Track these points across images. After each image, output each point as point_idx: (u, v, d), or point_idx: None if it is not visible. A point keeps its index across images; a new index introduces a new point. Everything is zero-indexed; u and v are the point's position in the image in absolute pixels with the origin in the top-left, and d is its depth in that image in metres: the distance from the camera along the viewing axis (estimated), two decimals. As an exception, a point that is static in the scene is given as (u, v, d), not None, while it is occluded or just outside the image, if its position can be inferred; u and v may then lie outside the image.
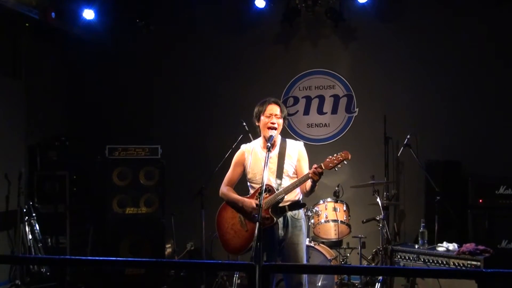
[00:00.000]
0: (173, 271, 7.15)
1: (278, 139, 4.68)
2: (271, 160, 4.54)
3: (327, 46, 7.55)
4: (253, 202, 4.49)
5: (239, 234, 4.60)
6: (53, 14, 6.97)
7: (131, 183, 6.99)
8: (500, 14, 6.91)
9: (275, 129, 4.59)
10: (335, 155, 4.37)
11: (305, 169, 4.61)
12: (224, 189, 4.75)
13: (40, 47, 7.84)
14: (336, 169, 4.35)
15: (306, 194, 4.59)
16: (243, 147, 4.82)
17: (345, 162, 4.36)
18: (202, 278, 6.41)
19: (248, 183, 4.75)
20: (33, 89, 7.55)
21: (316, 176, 4.30)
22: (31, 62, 7.58)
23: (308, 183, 4.45)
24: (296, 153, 4.66)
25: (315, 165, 4.34)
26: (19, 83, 7.39)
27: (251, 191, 4.69)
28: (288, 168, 4.60)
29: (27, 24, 7.21)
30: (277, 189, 4.49)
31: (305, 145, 4.80)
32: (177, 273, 7.14)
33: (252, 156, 4.70)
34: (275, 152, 4.62)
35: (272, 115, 4.60)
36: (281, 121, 4.65)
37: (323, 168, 4.32)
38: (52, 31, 7.46)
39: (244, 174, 4.78)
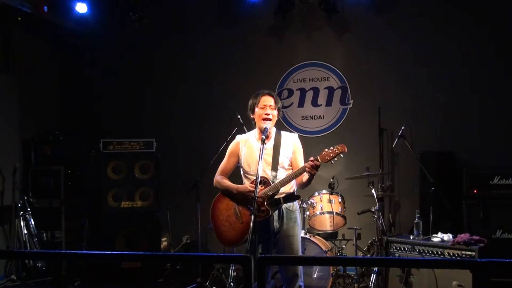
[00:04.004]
0: (169, 264, 7.17)
1: (272, 131, 4.67)
2: (266, 152, 4.53)
3: (321, 38, 7.53)
4: (247, 186, 4.49)
5: (234, 226, 4.60)
6: (45, 8, 6.93)
7: (126, 177, 6.99)
8: (494, 4, 6.91)
9: (270, 120, 4.57)
10: (331, 148, 4.37)
11: (301, 161, 4.61)
12: (218, 177, 4.74)
13: (32, 41, 7.77)
14: (333, 162, 4.36)
15: (302, 186, 4.59)
16: (238, 137, 4.81)
17: (342, 155, 4.37)
18: (198, 271, 6.41)
19: (242, 175, 4.74)
20: (27, 84, 7.50)
21: (313, 170, 4.29)
22: (24, 56, 7.52)
23: (305, 176, 4.45)
24: (291, 145, 4.66)
25: (311, 158, 4.34)
26: (12, 78, 7.33)
27: (246, 183, 4.67)
28: (283, 160, 4.60)
29: (19, 18, 7.15)
30: (273, 181, 4.49)
31: (300, 137, 4.79)
32: (173, 266, 7.16)
33: (247, 147, 4.69)
34: (270, 144, 4.61)
35: (266, 106, 4.59)
36: (275, 112, 4.63)
37: (320, 161, 4.32)
38: (44, 25, 7.40)
39: (238, 166, 4.77)
